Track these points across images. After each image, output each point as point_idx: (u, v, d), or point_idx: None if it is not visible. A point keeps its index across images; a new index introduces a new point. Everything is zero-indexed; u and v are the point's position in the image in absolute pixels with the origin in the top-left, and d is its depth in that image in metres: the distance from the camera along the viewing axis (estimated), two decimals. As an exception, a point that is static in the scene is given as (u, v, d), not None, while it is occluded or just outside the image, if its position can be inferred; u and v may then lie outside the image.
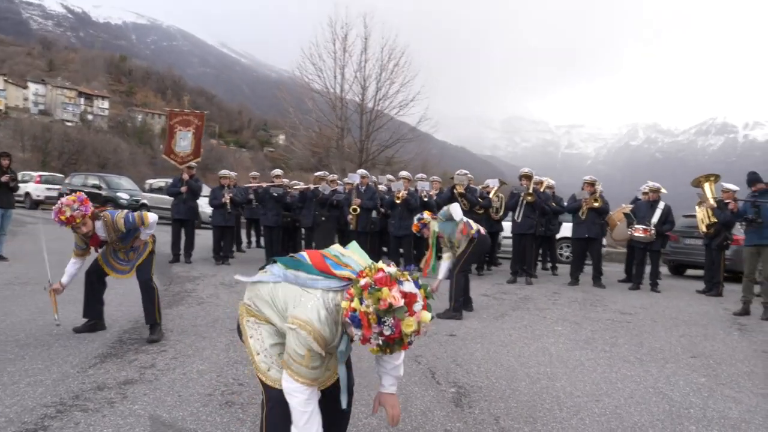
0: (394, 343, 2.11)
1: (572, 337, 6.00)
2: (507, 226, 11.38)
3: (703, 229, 9.59)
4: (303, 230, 11.17)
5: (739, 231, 10.11)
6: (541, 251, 11.93)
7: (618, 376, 4.72)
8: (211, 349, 4.98)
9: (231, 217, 10.34)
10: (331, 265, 2.44)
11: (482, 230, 6.93)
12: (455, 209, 6.81)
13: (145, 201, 18.88)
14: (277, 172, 10.74)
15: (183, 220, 10.16)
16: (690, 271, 13.22)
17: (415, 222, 6.94)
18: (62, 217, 4.78)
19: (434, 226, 6.74)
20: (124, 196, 19.21)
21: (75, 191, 5.72)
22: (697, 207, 9.86)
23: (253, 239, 13.53)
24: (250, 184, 10.96)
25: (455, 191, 9.83)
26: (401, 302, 2.07)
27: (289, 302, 2.39)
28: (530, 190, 9.81)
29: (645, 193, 10.37)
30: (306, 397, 2.32)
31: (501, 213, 11.00)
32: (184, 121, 10.16)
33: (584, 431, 3.57)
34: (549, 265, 11.75)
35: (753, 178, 7.81)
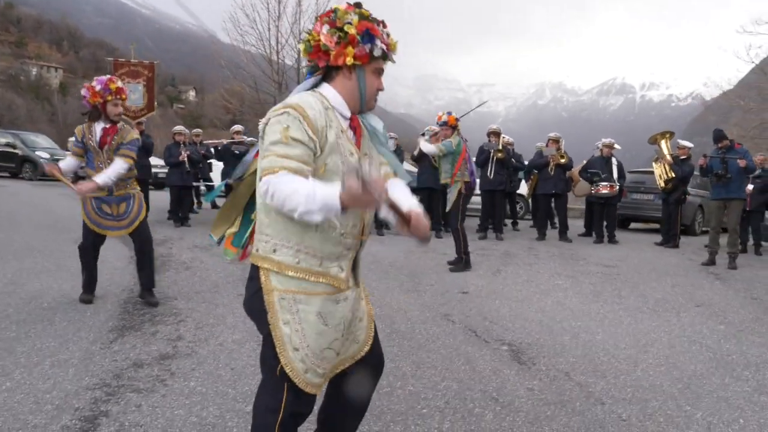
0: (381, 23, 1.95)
1: (578, 291, 6.11)
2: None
3: (662, 184, 10.01)
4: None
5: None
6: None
7: (647, 327, 4.83)
8: (232, 316, 4.64)
9: (189, 176, 9.68)
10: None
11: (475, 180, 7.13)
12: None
13: (67, 160, 17.25)
14: (238, 128, 10.08)
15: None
16: (633, 225, 13.92)
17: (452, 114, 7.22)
18: (112, 86, 4.54)
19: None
20: (43, 155, 17.48)
21: None
22: (654, 163, 10.26)
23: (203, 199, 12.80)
24: (211, 141, 10.28)
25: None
26: None
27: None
28: (500, 147, 9.84)
29: (600, 149, 10.67)
30: (289, 178, 1.72)
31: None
32: (132, 72, 9.31)
33: (654, 381, 3.61)
34: (509, 220, 11.93)
35: (719, 135, 8.16)
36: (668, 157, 9.86)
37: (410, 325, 4.60)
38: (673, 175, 9.75)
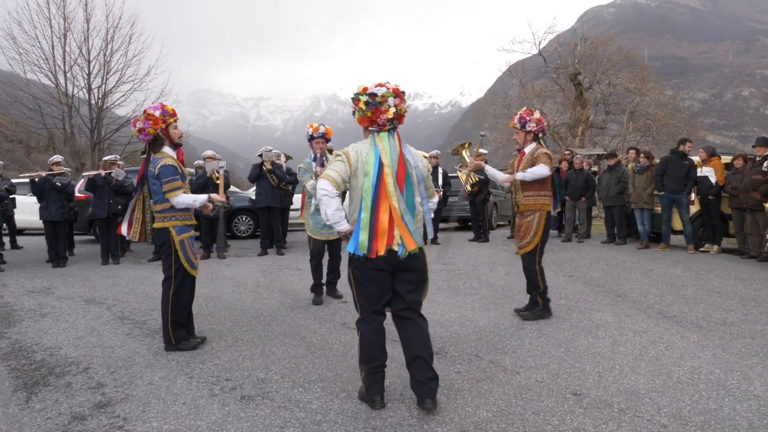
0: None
1: (439, 287, 6.90)
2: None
3: (468, 188, 11.48)
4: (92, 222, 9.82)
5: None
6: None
7: (509, 310, 5.77)
8: (139, 356, 4.49)
9: (-4, 214, 8.58)
10: None
11: None
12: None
13: None
14: (57, 158, 9.12)
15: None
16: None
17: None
18: (169, 108, 4.51)
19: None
20: None
21: None
22: (458, 171, 11.73)
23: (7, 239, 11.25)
24: (27, 174, 9.12)
25: (264, 167, 9.88)
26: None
27: None
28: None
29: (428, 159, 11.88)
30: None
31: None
32: None
33: (543, 350, 4.43)
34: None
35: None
36: (470, 165, 11.35)
37: (321, 338, 4.92)
38: (478, 179, 11.26)
